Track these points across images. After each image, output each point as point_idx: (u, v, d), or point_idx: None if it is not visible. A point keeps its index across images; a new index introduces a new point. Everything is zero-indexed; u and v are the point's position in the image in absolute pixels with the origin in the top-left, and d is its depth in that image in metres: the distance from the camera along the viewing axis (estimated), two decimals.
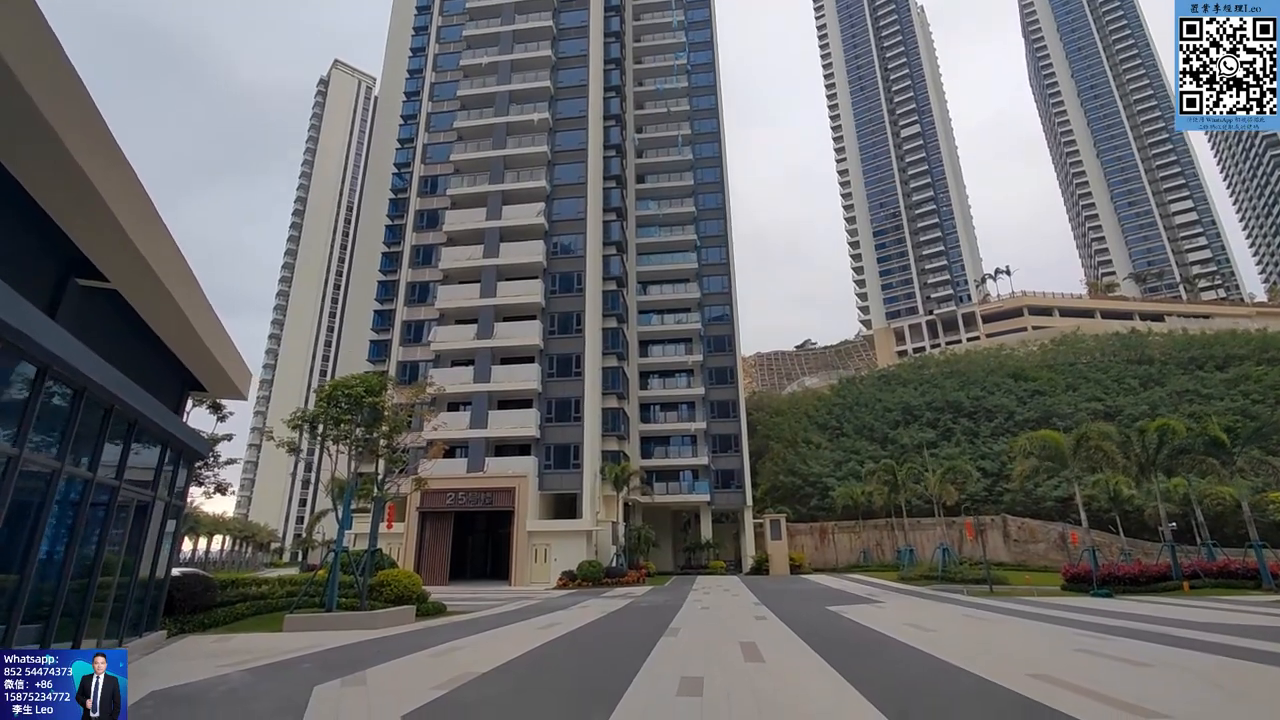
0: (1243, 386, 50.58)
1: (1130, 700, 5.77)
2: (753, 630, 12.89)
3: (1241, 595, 20.91)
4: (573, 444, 35.70)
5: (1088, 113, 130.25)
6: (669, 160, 55.20)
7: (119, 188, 6.44)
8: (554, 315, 38.66)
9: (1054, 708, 5.55)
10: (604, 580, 31.17)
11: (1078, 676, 7.09)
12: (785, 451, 58.00)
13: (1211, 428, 24.10)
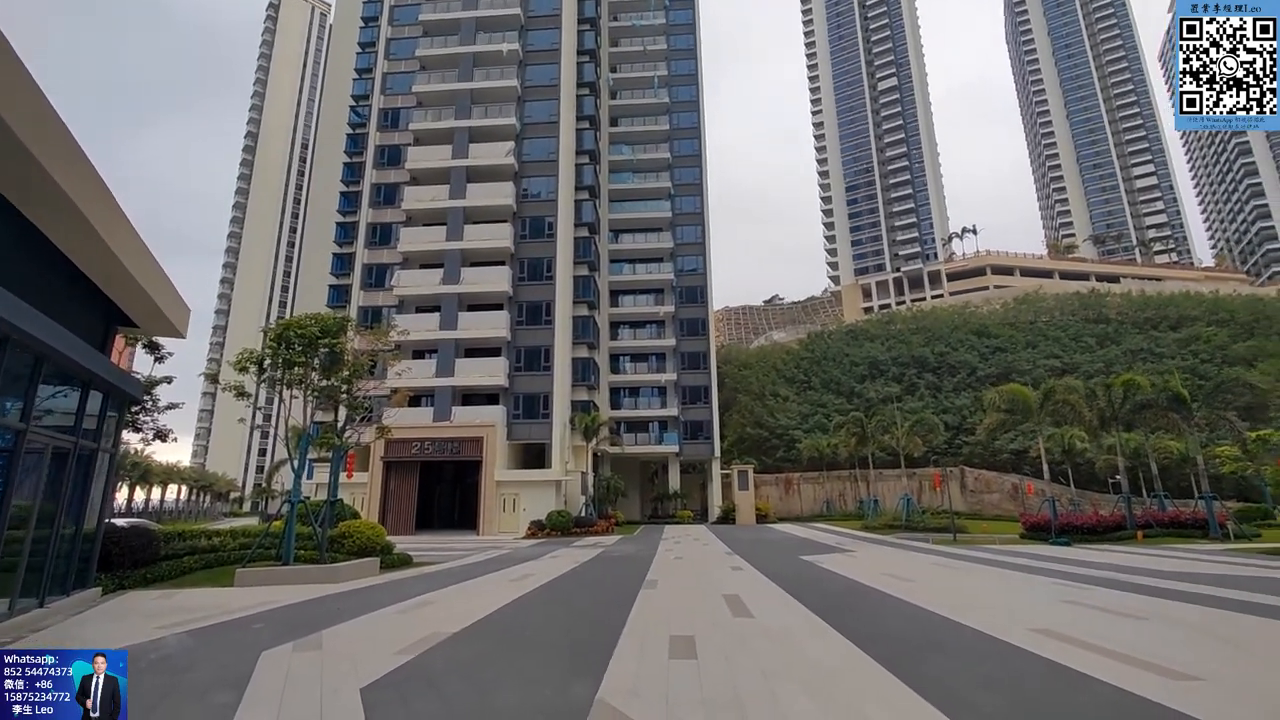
0: (1193, 346, 52.53)
1: (1152, 659, 5.47)
2: (732, 581, 12.63)
3: (1192, 544, 21.84)
4: (542, 393, 34.94)
5: (1061, 72, 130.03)
6: (644, 103, 52.87)
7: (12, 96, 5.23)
8: (524, 261, 37.17)
9: (1080, 670, 5.20)
10: (573, 530, 31.04)
11: (1081, 631, 6.85)
12: (753, 404, 58.49)
13: (1174, 384, 24.71)
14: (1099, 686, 4.76)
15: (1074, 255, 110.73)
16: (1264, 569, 14.02)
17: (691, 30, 55.68)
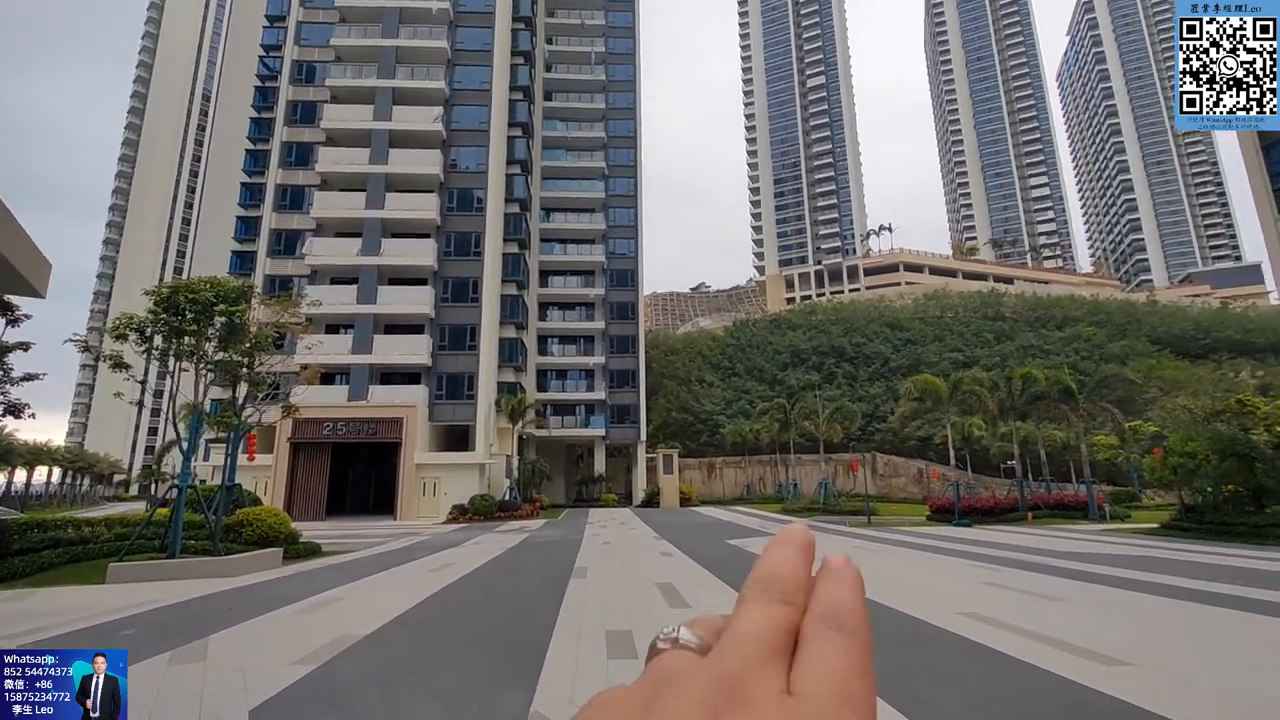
0: (1076, 344, 57.60)
1: (1082, 644, 5.65)
2: (663, 568, 12.46)
3: (1075, 525, 23.88)
4: (467, 374, 33.58)
5: (972, 85, 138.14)
6: (580, 78, 51.45)
7: None
8: (450, 235, 35.39)
9: (1020, 658, 5.28)
10: (496, 514, 30.19)
11: (1008, 615, 7.08)
12: (679, 389, 59.12)
13: (1064, 378, 26.86)
14: (1043, 676, 4.82)
15: (975, 257, 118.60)
16: (1144, 548, 15.40)
17: (630, 8, 54.58)
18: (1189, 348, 58.33)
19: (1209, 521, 18.67)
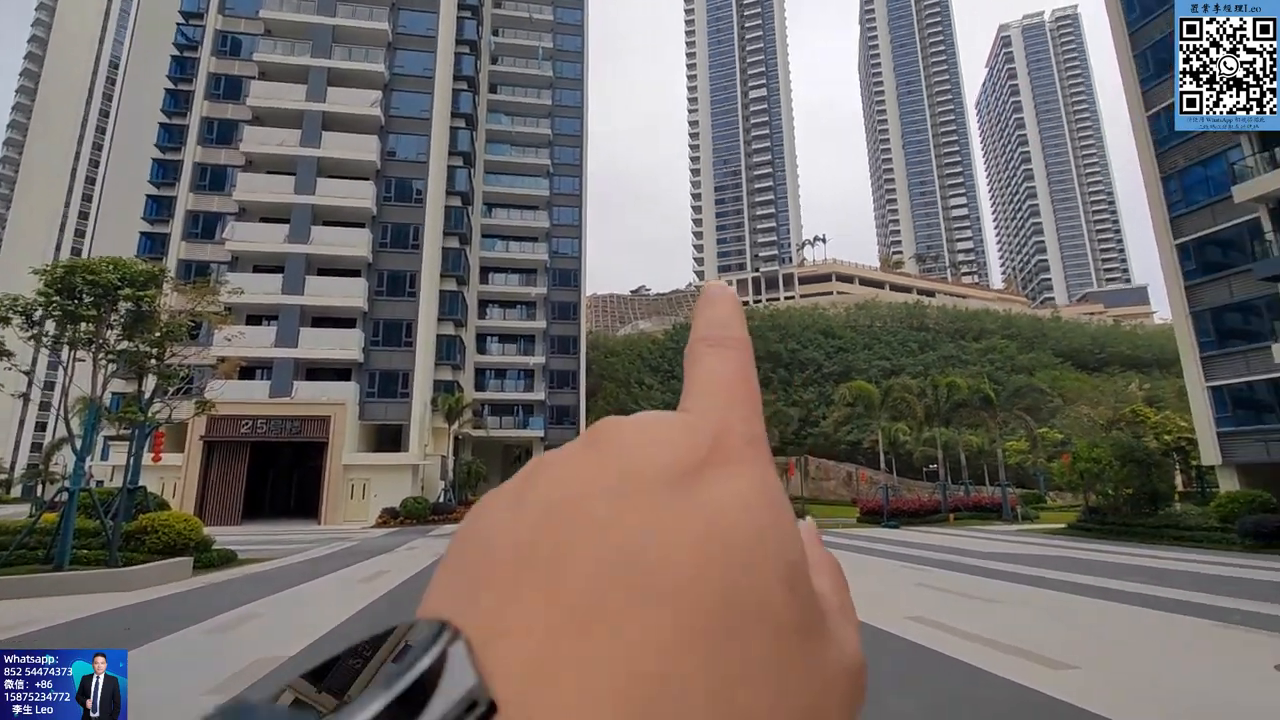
0: (990, 355, 61.52)
1: (1026, 647, 5.87)
2: None
3: (992, 525, 25.40)
4: (402, 371, 32.20)
5: (901, 109, 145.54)
6: (527, 73, 50.54)
7: None
8: (387, 226, 33.87)
9: (972, 663, 5.41)
10: (430, 517, 29.07)
11: (951, 617, 7.31)
12: (618, 391, 59.08)
13: (985, 387, 28.57)
14: (998, 682, 4.95)
15: (902, 270, 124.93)
16: (1058, 548, 16.49)
17: (580, 6, 54.17)
18: (1087, 361, 63.47)
19: (1110, 522, 20.26)
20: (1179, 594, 9.30)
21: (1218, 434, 22.43)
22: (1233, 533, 16.50)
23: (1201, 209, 23.22)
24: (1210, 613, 7.84)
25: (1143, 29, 25.78)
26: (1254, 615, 7.69)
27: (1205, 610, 8.01)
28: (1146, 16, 25.61)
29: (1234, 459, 22.08)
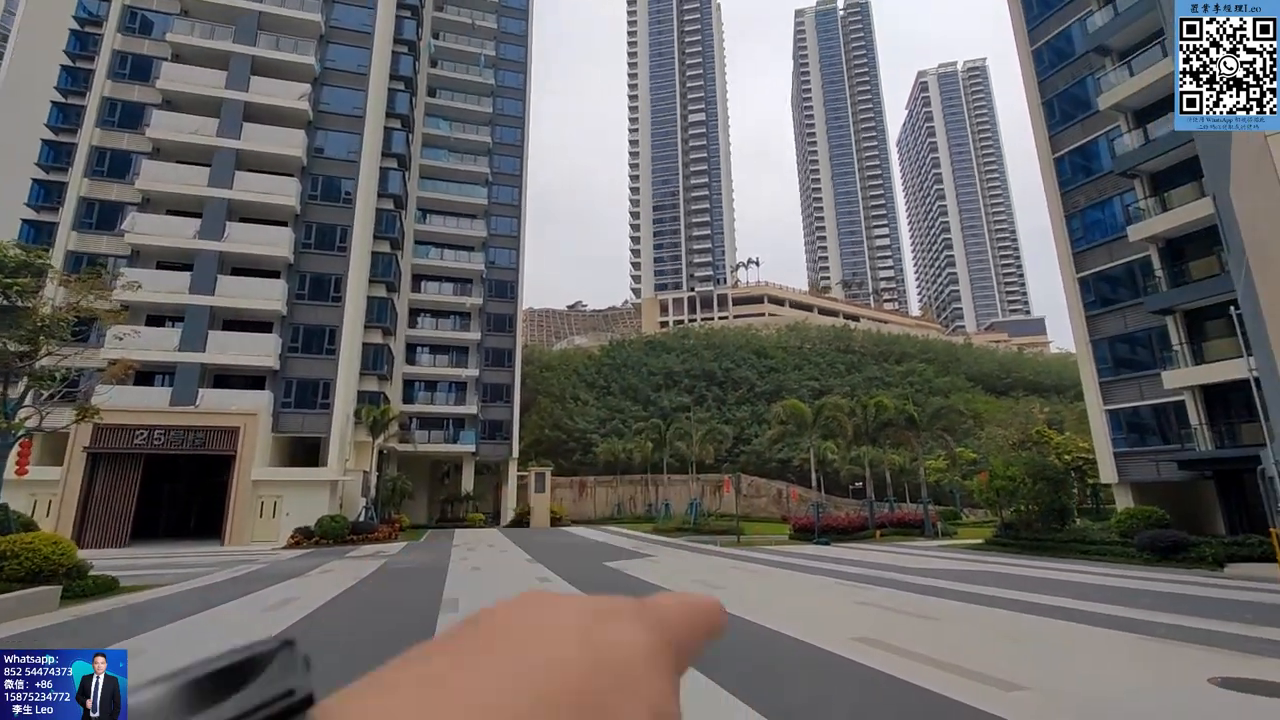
0: (911, 378, 64.79)
1: (974, 668, 5.87)
2: None
3: (916, 541, 26.36)
4: (323, 380, 30.25)
5: (831, 142, 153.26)
6: (468, 79, 49.55)
7: None
8: (312, 226, 31.98)
9: (927, 687, 5.33)
10: (349, 537, 27.23)
11: (897, 638, 7.29)
12: (553, 406, 58.12)
13: (909, 408, 29.86)
14: (955, 707, 4.87)
15: (829, 295, 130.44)
16: (981, 563, 17.19)
17: (524, 17, 53.82)
18: (995, 385, 67.96)
19: (1024, 537, 21.44)
20: (1101, 608, 9.78)
21: (1114, 454, 24.32)
22: (1132, 546, 17.77)
23: (1100, 246, 25.35)
24: (1136, 626, 8.24)
25: (1049, 80, 28.11)
26: (1175, 628, 8.13)
27: (1131, 624, 8.41)
28: (1053, 69, 27.98)
29: (1128, 477, 23.95)
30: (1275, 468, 11.94)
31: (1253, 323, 11.80)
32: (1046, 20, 28.37)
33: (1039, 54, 28.62)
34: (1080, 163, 26.54)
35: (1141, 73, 23.31)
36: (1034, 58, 28.77)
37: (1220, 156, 10.18)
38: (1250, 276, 10.28)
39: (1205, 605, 10.29)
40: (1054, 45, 28.00)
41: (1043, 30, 28.52)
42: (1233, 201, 9.36)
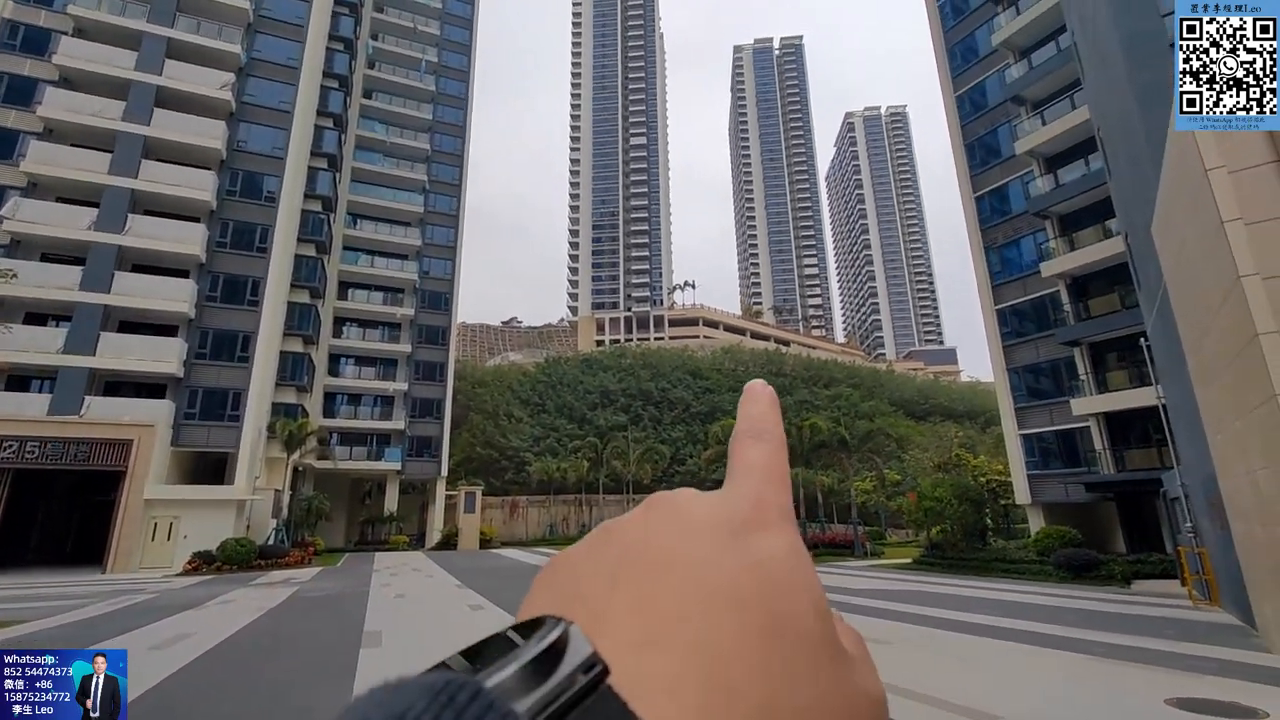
0: (839, 402, 67.14)
1: (944, 697, 5.72)
2: (477, 625, 10.91)
3: (847, 561, 26.90)
4: (233, 390, 27.86)
5: (765, 172, 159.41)
6: (408, 83, 48.06)
7: None
8: (228, 223, 29.71)
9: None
10: (256, 562, 24.95)
11: None
12: (485, 423, 56.42)
13: (842, 430, 30.71)
14: None
15: (761, 319, 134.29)
16: (917, 583, 17.58)
17: (468, 26, 53.00)
18: (915, 410, 71.47)
19: (949, 557, 22.23)
20: (1038, 627, 10.07)
21: (1028, 476, 25.81)
22: (1049, 565, 18.71)
23: (1016, 281, 27.14)
24: (1077, 646, 8.46)
25: (971, 125, 30.16)
26: (1115, 647, 8.39)
27: (1071, 644, 8.64)
28: (974, 115, 30.05)
29: (1040, 499, 25.44)
30: (1181, 490, 12.83)
31: (1162, 354, 12.77)
32: (969, 69, 30.50)
33: (962, 100, 30.67)
34: (998, 202, 28.46)
35: (1053, 123, 25.34)
36: (958, 104, 30.79)
37: (1141, 197, 10.97)
38: (1163, 311, 11.05)
39: (1129, 622, 10.80)
40: (976, 93, 30.09)
41: (966, 78, 30.62)
42: (1155, 239, 10.05)
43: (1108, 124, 14.02)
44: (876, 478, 34.23)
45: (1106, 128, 14.23)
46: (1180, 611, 11.97)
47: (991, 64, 29.28)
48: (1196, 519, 12.31)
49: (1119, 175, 14.31)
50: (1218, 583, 11.99)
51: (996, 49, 28.64)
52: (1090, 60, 14.76)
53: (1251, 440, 7.20)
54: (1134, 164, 11.68)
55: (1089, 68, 15.30)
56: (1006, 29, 27.83)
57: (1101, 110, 14.53)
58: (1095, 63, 14.10)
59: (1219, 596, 12.00)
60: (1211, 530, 11.54)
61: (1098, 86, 14.61)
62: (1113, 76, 11.75)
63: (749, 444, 0.34)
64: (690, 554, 0.25)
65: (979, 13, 30.30)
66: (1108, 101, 13.23)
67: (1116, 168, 14.35)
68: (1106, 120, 14.00)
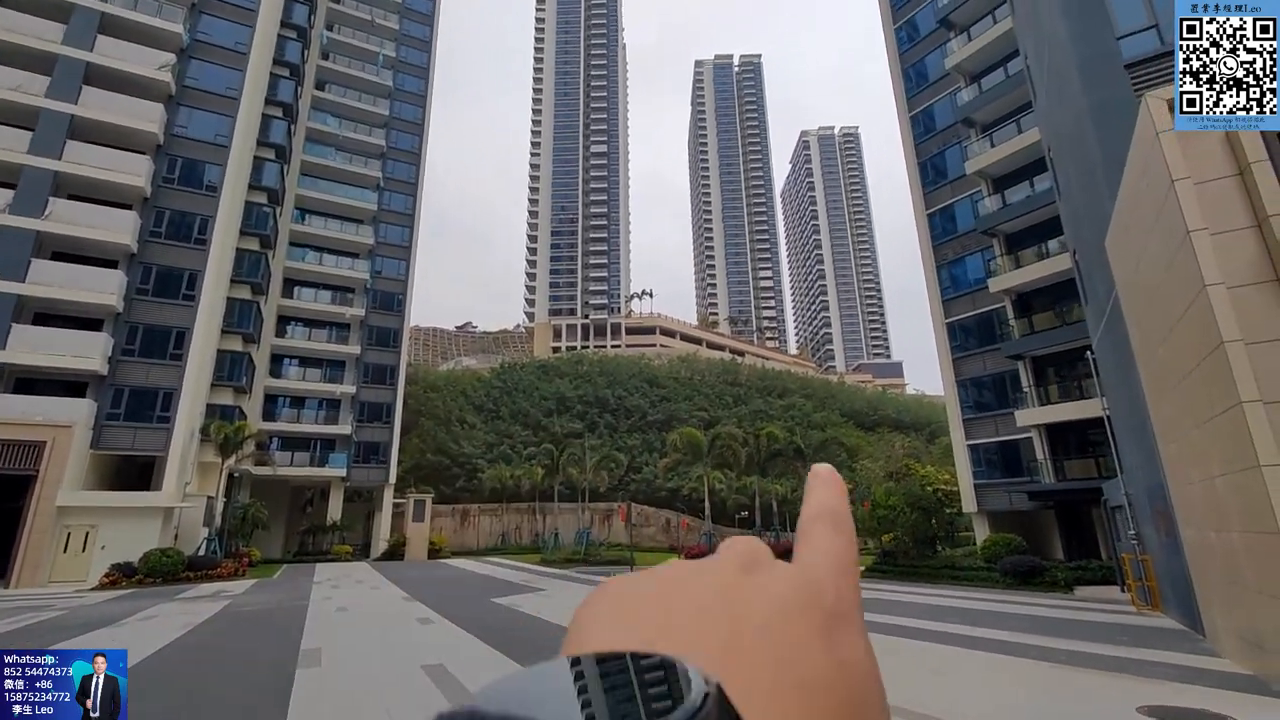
0: (792, 412, 68.21)
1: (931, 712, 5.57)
2: (427, 642, 10.26)
3: None
4: (164, 389, 26.05)
5: (723, 185, 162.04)
6: (363, 77, 46.56)
7: None
8: (165, 212, 27.91)
9: None
10: (183, 575, 23.25)
11: None
12: (437, 429, 54.88)
13: (798, 439, 31.02)
14: None
15: (717, 330, 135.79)
16: (874, 591, 17.71)
17: (429, 22, 51.85)
18: (864, 421, 73.22)
19: (901, 564, 22.60)
20: (995, 634, 10.21)
21: (974, 485, 26.62)
22: (996, 572, 19.21)
23: (965, 296, 28.09)
24: (1039, 653, 8.55)
25: (924, 144, 31.22)
26: (1075, 654, 8.50)
27: (1032, 650, 8.75)
28: (927, 135, 31.11)
29: (986, 507, 26.27)
30: (1125, 498, 13.33)
31: (1109, 366, 13.27)
32: (923, 91, 31.61)
33: (916, 120, 31.73)
34: (949, 220, 29.48)
35: (1001, 145, 26.43)
36: (912, 123, 31.84)
37: (1093, 213, 11.37)
38: (1112, 323, 11.44)
39: (1081, 628, 11.08)
40: (928, 115, 31.18)
41: (919, 100, 31.71)
42: (1108, 252, 10.40)
43: (1059, 144, 14.63)
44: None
45: (1058, 148, 14.85)
46: (1125, 617, 12.38)
47: (944, 87, 30.40)
48: (1140, 526, 12.80)
49: (1069, 194, 14.93)
50: (1159, 589, 12.45)
51: (949, 73, 29.77)
52: (1042, 83, 15.42)
53: (1210, 447, 7.43)
54: (1086, 181, 12.17)
55: (1041, 90, 15.98)
56: (958, 54, 28.98)
57: (1053, 130, 15.16)
58: (1048, 85, 14.70)
59: (1160, 602, 12.47)
60: (1155, 537, 11.99)
61: (1050, 108, 15.24)
62: (1067, 97, 12.22)
63: (827, 531, 0.34)
64: (787, 635, 0.26)
65: (932, 37, 31.46)
66: (1060, 122, 13.79)
67: (1066, 187, 14.98)
68: (1058, 140, 14.62)
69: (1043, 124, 17.49)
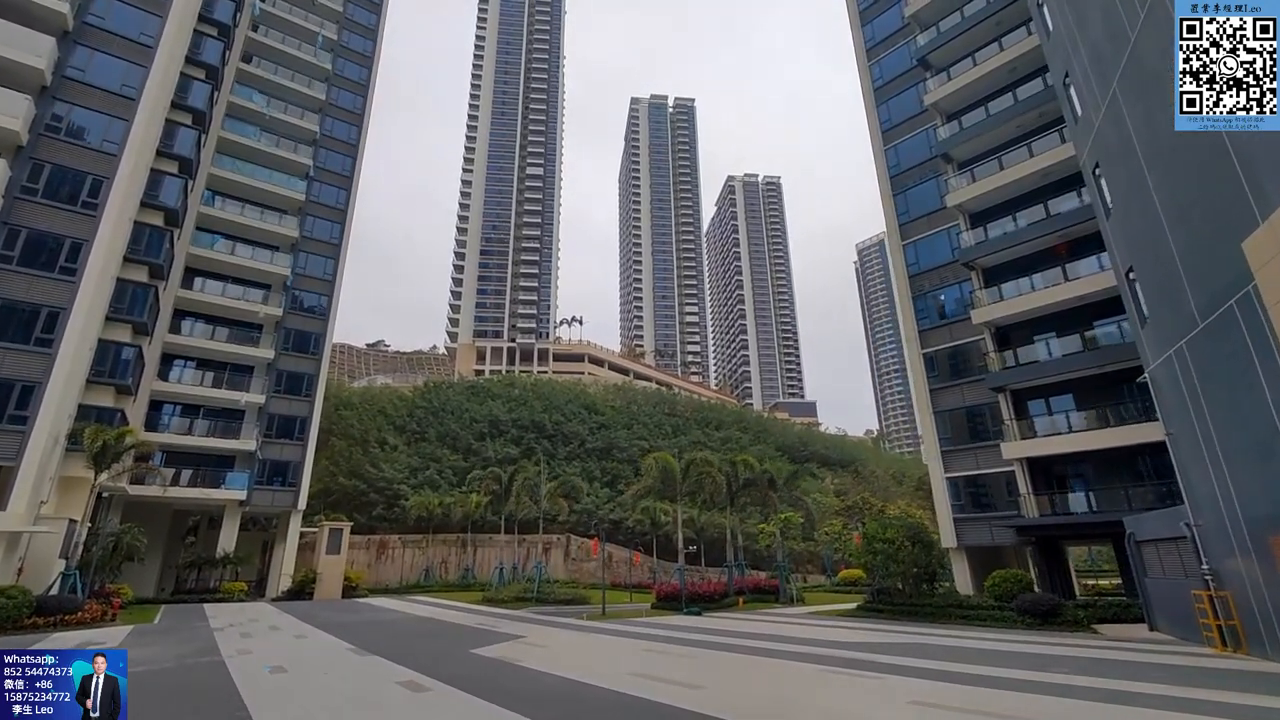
0: (729, 445, 67.39)
1: None
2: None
3: (776, 608, 25.15)
4: (23, 382, 20.67)
5: (654, 221, 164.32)
6: (299, 56, 42.16)
7: None
8: (43, 167, 22.78)
9: None
10: (28, 621, 17.91)
11: None
12: (352, 450, 49.42)
13: (771, 468, 29.45)
14: None
15: (644, 361, 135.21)
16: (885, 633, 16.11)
17: (378, 11, 48.29)
18: (796, 456, 73.62)
19: (898, 603, 21.17)
20: (1078, 680, 8.90)
21: (954, 520, 25.99)
22: (1009, 610, 18.11)
23: (943, 326, 27.99)
24: (1123, 699, 7.36)
25: (899, 177, 31.52)
26: (1158, 698, 7.08)
27: (1116, 696, 7.45)
28: (903, 169, 31.46)
29: (965, 542, 25.64)
30: (1191, 530, 12.45)
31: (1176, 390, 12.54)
32: (898, 126, 32.10)
33: (890, 153, 32.09)
34: (925, 252, 29.59)
35: (981, 180, 26.85)
36: (886, 155, 32.17)
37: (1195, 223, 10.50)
38: (1217, 334, 10.53)
39: (1144, 670, 10.28)
40: (904, 147, 31.60)
41: (895, 134, 32.16)
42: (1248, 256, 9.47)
43: (1112, 159, 14.21)
44: (806, 517, 33.26)
45: (1109, 161, 14.44)
46: (1211, 661, 11.29)
47: (921, 122, 30.95)
48: (1218, 561, 11.92)
49: (1126, 212, 14.45)
50: (1244, 628, 11.49)
51: (926, 109, 30.36)
52: (1091, 100, 15.10)
53: None
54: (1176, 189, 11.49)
55: (1088, 107, 15.69)
56: (935, 93, 29.62)
57: (1106, 146, 14.78)
58: (1109, 100, 14.27)
59: (1247, 643, 11.49)
60: (1247, 572, 11.05)
61: (1105, 126, 14.84)
62: (1157, 108, 11.55)
63: None
64: None
65: (908, 75, 32.16)
66: (1124, 136, 13.28)
67: (1122, 204, 14.54)
68: (1109, 156, 14.21)
69: (1082, 141, 17.28)
